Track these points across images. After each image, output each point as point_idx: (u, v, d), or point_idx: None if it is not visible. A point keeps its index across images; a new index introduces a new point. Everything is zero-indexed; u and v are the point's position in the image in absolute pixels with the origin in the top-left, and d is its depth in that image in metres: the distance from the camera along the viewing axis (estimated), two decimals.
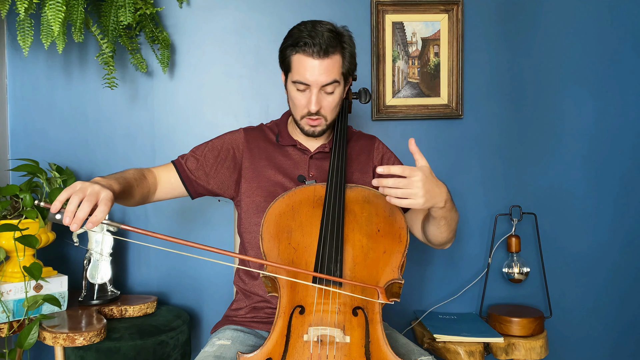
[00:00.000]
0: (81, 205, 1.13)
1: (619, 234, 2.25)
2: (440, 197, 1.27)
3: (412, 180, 1.21)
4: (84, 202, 1.13)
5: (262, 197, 1.53)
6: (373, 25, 2.12)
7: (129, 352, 1.70)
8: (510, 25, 2.18)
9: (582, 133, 2.22)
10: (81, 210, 1.12)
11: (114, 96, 2.07)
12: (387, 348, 1.21)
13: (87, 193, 1.15)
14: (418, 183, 1.21)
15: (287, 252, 1.33)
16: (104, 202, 1.15)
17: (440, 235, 1.43)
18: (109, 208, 1.15)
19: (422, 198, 1.22)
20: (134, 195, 1.41)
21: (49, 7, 1.58)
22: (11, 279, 1.68)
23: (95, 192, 1.16)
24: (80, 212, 1.12)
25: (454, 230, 1.44)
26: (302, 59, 1.42)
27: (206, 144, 1.61)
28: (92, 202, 1.14)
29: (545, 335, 1.99)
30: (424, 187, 1.22)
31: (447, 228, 1.40)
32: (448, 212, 1.34)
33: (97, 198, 1.15)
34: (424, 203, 1.23)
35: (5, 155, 2.04)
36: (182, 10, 2.09)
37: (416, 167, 1.23)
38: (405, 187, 1.21)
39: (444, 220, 1.36)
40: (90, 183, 1.19)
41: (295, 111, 1.51)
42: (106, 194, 1.17)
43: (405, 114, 2.16)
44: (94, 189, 1.16)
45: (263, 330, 1.53)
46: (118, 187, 1.29)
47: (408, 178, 1.21)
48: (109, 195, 1.17)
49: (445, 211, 1.32)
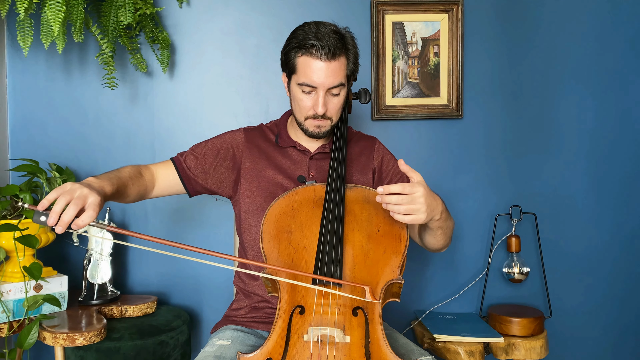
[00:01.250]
0: (67, 208, 1.12)
1: (619, 233, 2.25)
2: (437, 209, 1.30)
3: (414, 197, 1.23)
4: (70, 205, 1.12)
5: (262, 197, 1.53)
6: (373, 25, 2.12)
7: (129, 352, 1.70)
8: (510, 25, 2.18)
9: (582, 133, 2.22)
10: (66, 213, 1.11)
11: (114, 96, 2.07)
12: (387, 348, 1.21)
13: (75, 196, 1.14)
14: (420, 199, 1.23)
15: (287, 253, 1.33)
16: (91, 207, 1.14)
17: (437, 243, 1.46)
18: (96, 213, 1.14)
19: (424, 214, 1.24)
20: (128, 194, 1.41)
21: (49, 7, 1.58)
22: (11, 279, 1.68)
23: (83, 196, 1.15)
24: (65, 216, 1.11)
25: (450, 236, 1.48)
26: (309, 61, 1.41)
27: (206, 142, 1.61)
28: (79, 206, 1.13)
29: (545, 335, 1.99)
30: (425, 202, 1.24)
31: (444, 236, 1.43)
32: (444, 222, 1.37)
33: (84, 202, 1.15)
34: (426, 218, 1.26)
35: (5, 155, 2.04)
36: (182, 10, 2.09)
37: (415, 183, 1.24)
38: (409, 204, 1.23)
39: (441, 230, 1.39)
40: (81, 185, 1.18)
41: (299, 113, 1.50)
42: (94, 199, 1.16)
43: (405, 114, 2.16)
44: (82, 192, 1.16)
45: (263, 330, 1.53)
46: (110, 188, 1.29)
47: (410, 195, 1.23)
48: (96, 200, 1.16)
49: (442, 222, 1.35)
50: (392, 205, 1.23)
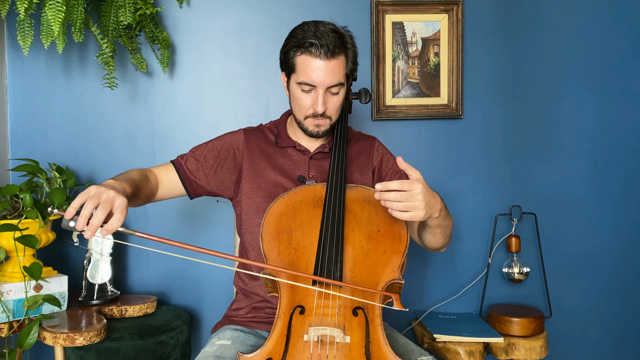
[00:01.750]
0: (96, 212, 1.11)
1: (620, 233, 2.25)
2: (436, 206, 1.30)
3: (413, 194, 1.23)
4: (99, 209, 1.11)
5: (263, 198, 1.53)
6: (373, 25, 2.12)
7: (129, 352, 1.70)
8: (510, 25, 2.18)
9: (582, 133, 2.22)
10: (95, 217, 1.10)
11: (114, 96, 2.07)
12: (387, 348, 1.21)
13: (102, 199, 1.13)
14: (419, 196, 1.23)
15: (287, 253, 1.33)
16: (119, 210, 1.13)
17: (436, 242, 1.46)
18: (124, 216, 1.13)
19: (422, 210, 1.24)
20: (140, 197, 1.40)
21: (49, 7, 1.58)
22: (11, 279, 1.68)
23: (110, 199, 1.14)
24: (95, 220, 1.10)
25: (449, 235, 1.48)
26: (308, 59, 1.41)
27: (206, 144, 1.61)
28: (107, 209, 1.12)
29: (545, 335, 1.99)
30: (424, 199, 1.24)
31: (443, 235, 1.43)
32: (443, 220, 1.37)
33: (112, 205, 1.13)
34: (424, 215, 1.26)
35: (5, 155, 2.04)
36: (182, 10, 2.09)
37: (413, 180, 1.24)
38: (407, 201, 1.23)
39: (440, 228, 1.39)
40: (105, 188, 1.16)
41: (299, 112, 1.50)
42: (121, 202, 1.15)
43: (405, 114, 2.16)
44: (109, 195, 1.14)
45: (263, 330, 1.53)
46: (130, 190, 1.29)
47: (408, 192, 1.23)
48: (124, 203, 1.15)
49: (441, 219, 1.35)
50: (391, 202, 1.23)
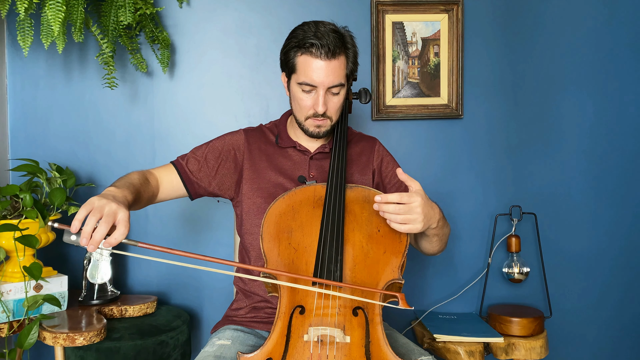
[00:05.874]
0: (98, 226, 1.11)
1: (619, 233, 2.25)
2: (434, 218, 1.32)
3: (411, 207, 1.24)
4: (101, 223, 1.11)
5: (263, 198, 1.53)
6: (373, 25, 2.12)
7: (129, 352, 1.70)
8: (510, 25, 2.18)
9: (581, 133, 2.22)
10: (98, 231, 1.10)
11: (114, 96, 2.07)
12: (387, 348, 1.21)
13: (105, 213, 1.13)
14: (417, 209, 1.25)
15: (287, 253, 1.33)
16: (122, 223, 1.13)
17: (432, 249, 1.48)
18: (127, 230, 1.13)
19: (420, 223, 1.26)
20: (141, 201, 1.41)
21: (49, 7, 1.58)
22: (11, 279, 1.68)
23: (112, 212, 1.14)
24: (97, 234, 1.10)
25: (445, 242, 1.49)
26: (308, 60, 1.41)
27: (206, 144, 1.61)
28: (110, 223, 1.12)
29: (545, 335, 1.99)
30: (422, 211, 1.25)
31: (439, 242, 1.45)
32: (440, 229, 1.38)
33: (114, 218, 1.13)
34: (422, 227, 1.27)
35: (5, 155, 2.04)
36: (182, 10, 2.09)
37: (412, 193, 1.26)
38: (406, 214, 1.24)
39: (437, 237, 1.41)
40: (108, 200, 1.16)
41: (299, 112, 1.50)
42: (124, 215, 1.15)
43: (405, 114, 2.16)
44: (111, 209, 1.14)
45: (263, 330, 1.53)
46: (131, 197, 1.29)
47: (407, 205, 1.24)
48: (126, 216, 1.15)
49: (438, 229, 1.37)
50: (389, 214, 1.25)
